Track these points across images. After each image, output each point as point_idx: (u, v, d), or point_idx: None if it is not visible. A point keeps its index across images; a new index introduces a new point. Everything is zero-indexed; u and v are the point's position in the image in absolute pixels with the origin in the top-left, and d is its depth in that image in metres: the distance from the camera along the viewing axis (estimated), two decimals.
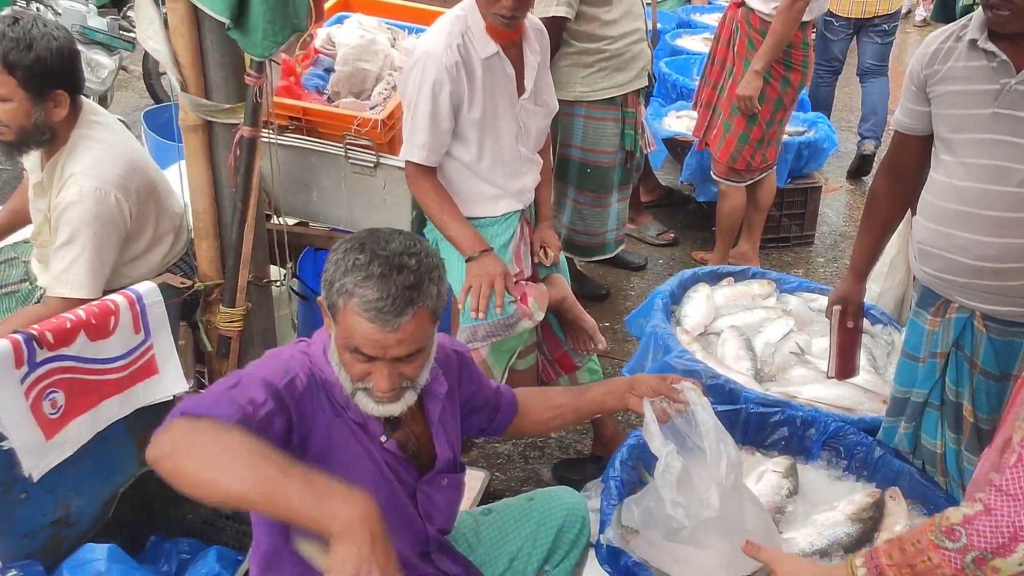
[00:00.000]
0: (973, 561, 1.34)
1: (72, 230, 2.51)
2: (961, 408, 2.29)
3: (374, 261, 1.62)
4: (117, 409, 2.45)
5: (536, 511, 2.20)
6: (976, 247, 2.12)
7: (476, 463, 3.50)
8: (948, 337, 2.27)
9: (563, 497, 2.25)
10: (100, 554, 2.21)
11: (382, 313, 1.59)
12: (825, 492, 2.49)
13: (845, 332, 2.68)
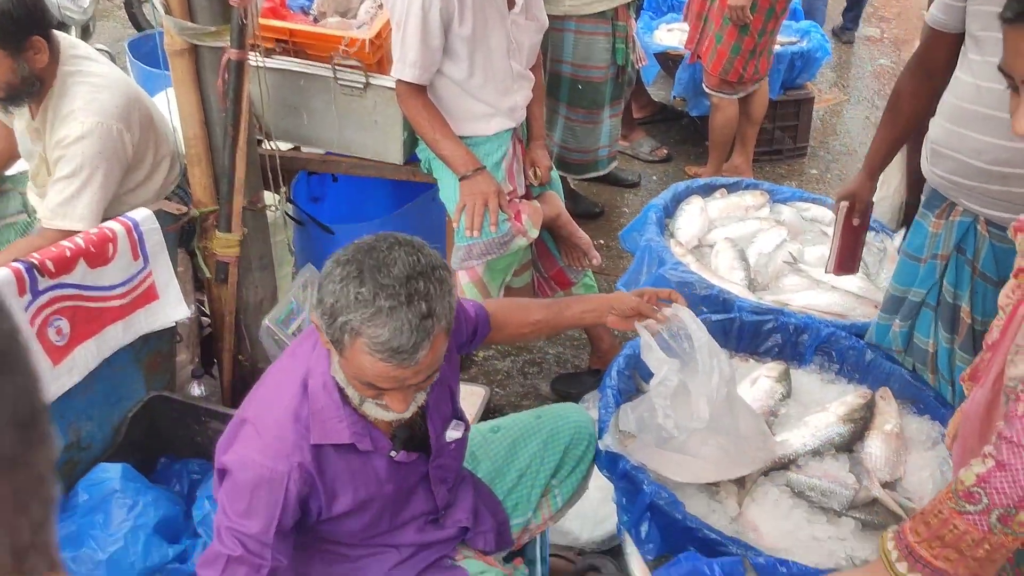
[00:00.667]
0: (999, 519, 1.31)
1: (76, 165, 2.50)
2: (958, 310, 2.32)
3: (380, 294, 1.46)
4: (121, 335, 2.49)
5: (544, 428, 2.24)
6: (989, 150, 2.09)
7: (476, 380, 3.57)
8: (950, 240, 2.28)
9: (571, 415, 2.29)
10: (114, 473, 2.28)
11: (398, 353, 1.46)
12: (817, 395, 2.55)
13: (849, 229, 2.67)
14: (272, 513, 1.61)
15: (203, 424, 2.75)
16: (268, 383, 1.74)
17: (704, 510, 2.19)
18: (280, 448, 1.62)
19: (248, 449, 1.63)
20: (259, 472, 1.60)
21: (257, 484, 1.61)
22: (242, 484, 1.62)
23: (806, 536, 2.14)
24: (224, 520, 1.64)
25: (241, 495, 1.62)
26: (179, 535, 2.31)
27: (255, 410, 1.69)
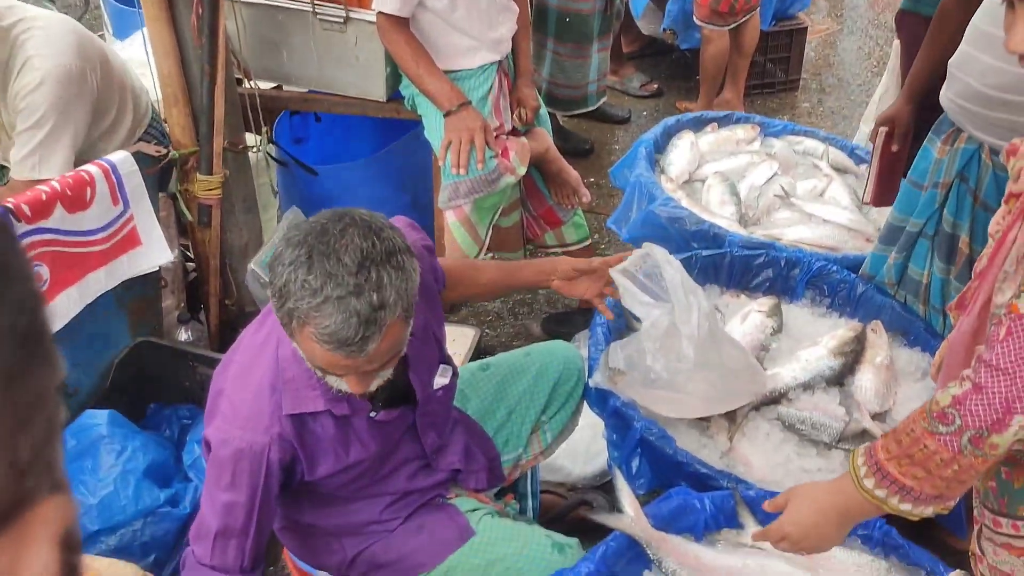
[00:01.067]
0: (970, 441, 1.31)
1: (40, 113, 2.40)
2: (956, 240, 2.30)
3: (327, 283, 1.39)
4: (103, 281, 2.46)
5: (533, 365, 2.22)
6: (994, 73, 2.04)
7: (466, 321, 3.54)
8: (953, 167, 2.24)
9: (559, 351, 2.28)
10: (101, 419, 2.26)
11: (345, 345, 1.41)
12: (809, 329, 2.54)
13: (888, 156, 2.60)
14: (255, 483, 1.61)
15: (191, 369, 2.74)
16: (242, 351, 1.71)
17: (695, 445, 2.19)
18: (258, 421, 1.61)
19: (227, 424, 1.63)
20: (239, 446, 1.60)
21: (238, 458, 1.61)
22: (224, 459, 1.62)
23: (796, 469, 2.15)
24: (210, 494, 1.66)
25: (224, 469, 1.62)
26: (170, 479, 2.31)
27: (231, 381, 1.67)
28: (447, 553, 1.87)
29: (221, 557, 1.63)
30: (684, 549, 1.80)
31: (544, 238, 3.29)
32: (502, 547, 1.90)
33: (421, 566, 1.88)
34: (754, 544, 1.84)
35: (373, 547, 1.87)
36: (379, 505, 1.87)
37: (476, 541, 1.90)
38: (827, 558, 1.81)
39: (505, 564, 1.88)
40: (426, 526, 1.90)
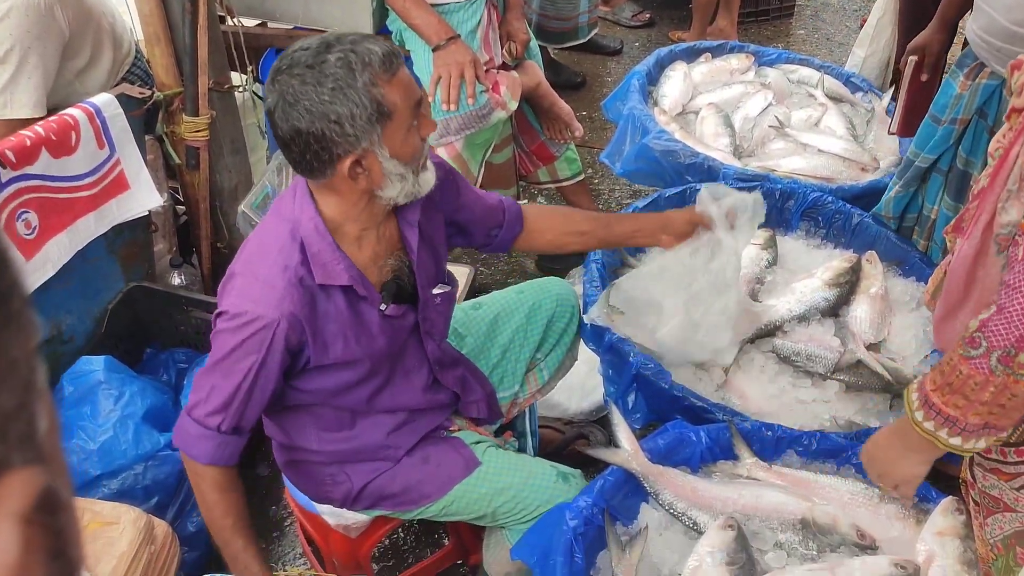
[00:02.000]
0: (999, 360, 1.31)
1: (5, 49, 2.34)
2: (969, 177, 2.28)
3: (327, 56, 1.48)
4: (93, 227, 2.43)
5: (526, 303, 2.21)
6: (1019, 9, 1.98)
7: (460, 259, 3.53)
8: (973, 103, 2.20)
9: (552, 287, 2.26)
10: (97, 365, 2.26)
11: (394, 56, 1.52)
12: (804, 260, 2.54)
13: (917, 86, 2.54)
14: (258, 355, 1.61)
15: (186, 313, 2.73)
16: (255, 239, 1.70)
17: (690, 379, 2.20)
18: (270, 296, 1.60)
19: (239, 298, 1.62)
20: (248, 319, 1.59)
21: (246, 330, 1.60)
22: (231, 329, 1.61)
23: (791, 400, 2.17)
24: (211, 361, 1.65)
25: (229, 339, 1.61)
26: (169, 423, 2.31)
27: (243, 264, 1.66)
28: (453, 483, 1.89)
29: (204, 413, 1.64)
30: (681, 481, 1.82)
31: (537, 174, 3.26)
32: (508, 477, 1.92)
33: (427, 496, 1.89)
34: (750, 475, 1.86)
35: (379, 478, 1.88)
36: (385, 427, 1.87)
37: (482, 471, 1.92)
38: (822, 487, 1.83)
39: (511, 493, 1.90)
40: (432, 457, 1.92)
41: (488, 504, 1.90)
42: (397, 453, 1.89)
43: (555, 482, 1.93)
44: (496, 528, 2.01)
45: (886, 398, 2.18)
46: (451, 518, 1.95)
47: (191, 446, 1.67)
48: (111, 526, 1.78)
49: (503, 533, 1.97)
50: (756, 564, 1.68)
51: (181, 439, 1.68)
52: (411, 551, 2.51)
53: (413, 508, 1.91)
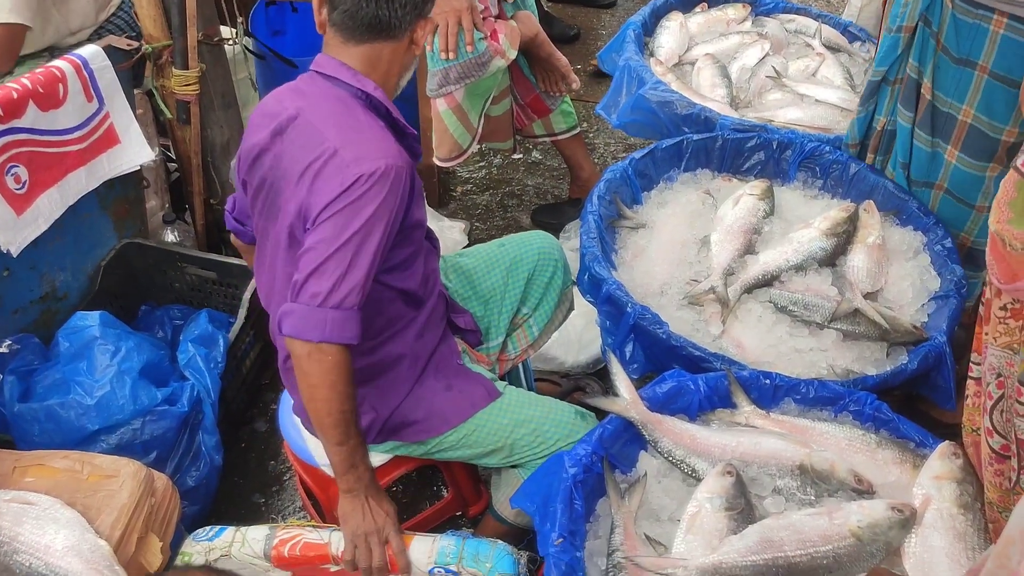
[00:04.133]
0: None
1: None
2: (919, 87, 2.27)
3: None
4: (84, 181, 2.41)
5: (507, 256, 2.20)
6: None
7: (455, 215, 3.52)
8: (916, 9, 2.19)
9: (534, 241, 2.25)
10: (92, 321, 2.25)
11: None
12: (801, 211, 2.52)
13: None
14: (395, 205, 1.63)
15: (180, 270, 2.72)
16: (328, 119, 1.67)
17: (687, 330, 2.20)
18: (390, 147, 1.65)
19: (364, 160, 1.60)
20: (384, 170, 1.59)
21: (385, 181, 1.60)
22: (369, 191, 1.59)
23: (788, 349, 2.16)
24: (334, 238, 1.59)
25: (369, 201, 1.59)
26: (166, 379, 2.31)
27: (340, 139, 1.63)
28: (476, 410, 1.91)
29: (342, 296, 1.60)
30: (679, 429, 1.82)
31: (532, 127, 3.23)
32: (529, 410, 1.94)
33: (448, 423, 1.90)
34: (748, 423, 1.87)
35: (403, 405, 1.89)
36: (412, 332, 1.88)
37: (503, 401, 1.93)
38: (819, 434, 1.84)
39: (532, 426, 1.92)
40: (455, 385, 1.93)
41: (508, 435, 1.91)
42: (417, 363, 1.89)
43: (574, 419, 1.95)
44: (507, 469, 2.02)
45: (883, 347, 2.18)
46: (467, 451, 1.95)
47: (340, 332, 1.61)
48: (111, 479, 1.79)
49: (516, 471, 1.98)
50: (754, 509, 1.68)
51: (322, 332, 1.60)
52: (411, 504, 2.52)
53: (433, 436, 1.92)
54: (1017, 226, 1.39)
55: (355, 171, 1.59)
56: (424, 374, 1.93)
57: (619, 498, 1.70)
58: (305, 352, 1.62)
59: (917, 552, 1.60)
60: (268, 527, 1.83)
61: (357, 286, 1.61)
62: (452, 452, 1.97)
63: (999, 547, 0.70)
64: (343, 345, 1.62)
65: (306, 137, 1.66)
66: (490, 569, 1.72)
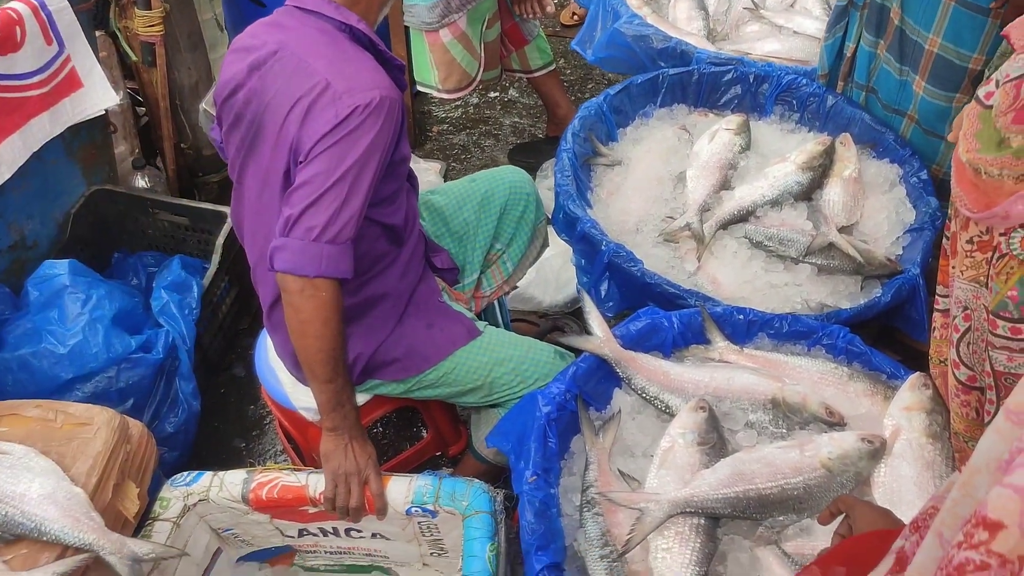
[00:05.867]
0: None
1: None
2: (887, 12, 2.25)
3: None
4: (48, 127, 2.35)
5: (478, 192, 2.18)
6: None
7: (432, 155, 3.48)
8: None
9: (505, 176, 2.22)
10: (62, 269, 2.22)
11: None
12: (777, 145, 2.49)
13: None
14: (390, 135, 1.61)
15: (152, 216, 2.68)
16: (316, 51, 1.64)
17: (662, 266, 2.19)
18: (382, 79, 1.63)
19: (358, 91, 1.57)
20: (379, 101, 1.57)
21: (379, 110, 1.58)
22: (365, 121, 1.57)
23: (763, 284, 2.16)
24: (329, 171, 1.57)
25: (366, 132, 1.57)
26: (140, 326, 2.30)
27: (330, 71, 1.60)
28: (455, 347, 1.91)
29: (337, 230, 1.58)
30: (653, 366, 1.83)
31: (510, 60, 3.18)
32: (509, 349, 1.94)
33: (427, 360, 1.91)
34: (722, 358, 1.87)
35: (383, 345, 1.88)
36: (395, 271, 1.88)
37: (483, 340, 1.94)
38: (792, 368, 1.85)
39: (511, 365, 1.93)
40: (435, 323, 1.93)
41: (488, 374, 1.92)
42: (399, 302, 1.89)
43: (553, 358, 1.97)
44: (486, 408, 2.04)
45: (857, 280, 2.18)
46: (447, 390, 1.96)
47: (336, 267, 1.60)
48: (85, 427, 1.78)
49: (495, 411, 1.99)
50: (727, 444, 1.70)
51: (318, 267, 1.58)
52: (391, 445, 2.54)
53: (414, 375, 1.92)
54: (988, 153, 1.38)
55: (349, 103, 1.56)
56: (406, 313, 1.92)
57: (593, 435, 1.71)
58: (298, 288, 1.61)
59: (886, 482, 1.63)
60: (246, 471, 1.84)
61: (352, 219, 1.60)
62: (432, 391, 1.97)
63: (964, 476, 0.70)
64: (336, 280, 1.61)
65: (293, 71, 1.63)
66: (467, 507, 1.73)
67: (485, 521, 1.70)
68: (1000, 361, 1.43)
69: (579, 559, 1.57)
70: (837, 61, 2.52)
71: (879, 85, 2.40)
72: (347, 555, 2.01)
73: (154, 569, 1.74)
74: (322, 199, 1.57)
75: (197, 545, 1.88)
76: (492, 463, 2.14)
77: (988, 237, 1.48)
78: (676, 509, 1.54)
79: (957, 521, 0.70)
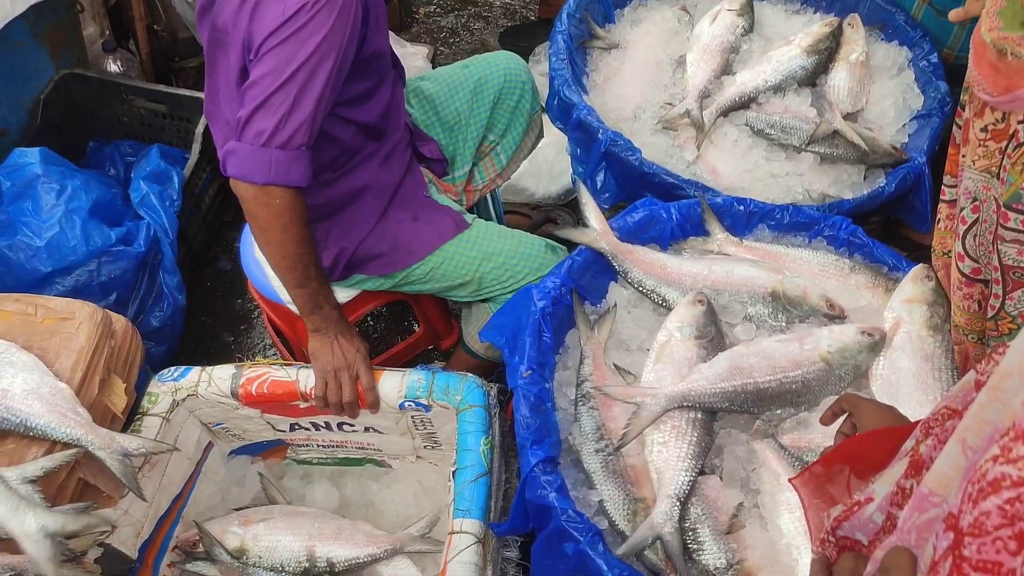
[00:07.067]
0: None
1: None
2: None
3: None
4: (9, 6, 2.22)
5: (471, 79, 2.06)
6: None
7: (418, 38, 3.33)
8: None
9: (500, 62, 2.09)
10: (33, 158, 2.13)
11: None
12: (782, 28, 2.38)
13: None
14: (342, 41, 1.49)
15: (127, 102, 2.57)
16: None
17: (661, 156, 2.12)
18: None
19: None
20: None
21: (333, 9, 1.46)
22: (314, 17, 1.45)
23: (764, 174, 2.10)
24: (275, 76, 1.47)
25: (316, 30, 1.46)
26: (120, 218, 2.22)
27: None
28: (443, 240, 1.86)
29: (288, 134, 1.50)
30: (650, 259, 1.77)
31: None
32: (497, 243, 1.89)
33: (415, 254, 1.86)
34: (721, 250, 1.82)
35: (367, 239, 1.83)
36: (374, 163, 1.81)
37: (472, 233, 1.88)
38: (793, 260, 1.80)
39: (500, 259, 1.87)
40: (421, 216, 1.87)
41: (476, 269, 1.87)
42: (382, 195, 1.82)
43: (544, 252, 1.91)
44: (477, 303, 1.99)
45: (860, 169, 2.12)
46: (435, 285, 1.91)
47: (286, 174, 1.52)
48: (66, 321, 1.72)
49: (487, 306, 1.95)
50: (725, 337, 1.67)
51: (266, 174, 1.51)
52: (382, 338, 2.51)
53: (400, 269, 1.87)
54: (1012, 31, 1.29)
55: (277, 10, 1.44)
56: (390, 206, 1.85)
57: (588, 329, 1.68)
58: (251, 195, 1.54)
59: (884, 374, 1.60)
60: (234, 366, 1.80)
61: (304, 124, 1.50)
62: (420, 285, 1.92)
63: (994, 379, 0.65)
64: (291, 187, 1.54)
65: None
66: (460, 401, 1.71)
67: (479, 415, 1.68)
68: (1009, 255, 1.39)
69: (574, 453, 1.55)
70: None
71: None
72: (340, 448, 2.00)
73: (145, 463, 1.73)
74: (270, 101, 1.48)
75: (188, 440, 1.87)
76: (484, 358, 2.11)
77: (1004, 125, 1.41)
78: (673, 403, 1.52)
79: (985, 428, 0.65)
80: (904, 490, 0.86)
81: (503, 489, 1.74)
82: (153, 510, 1.77)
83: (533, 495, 1.43)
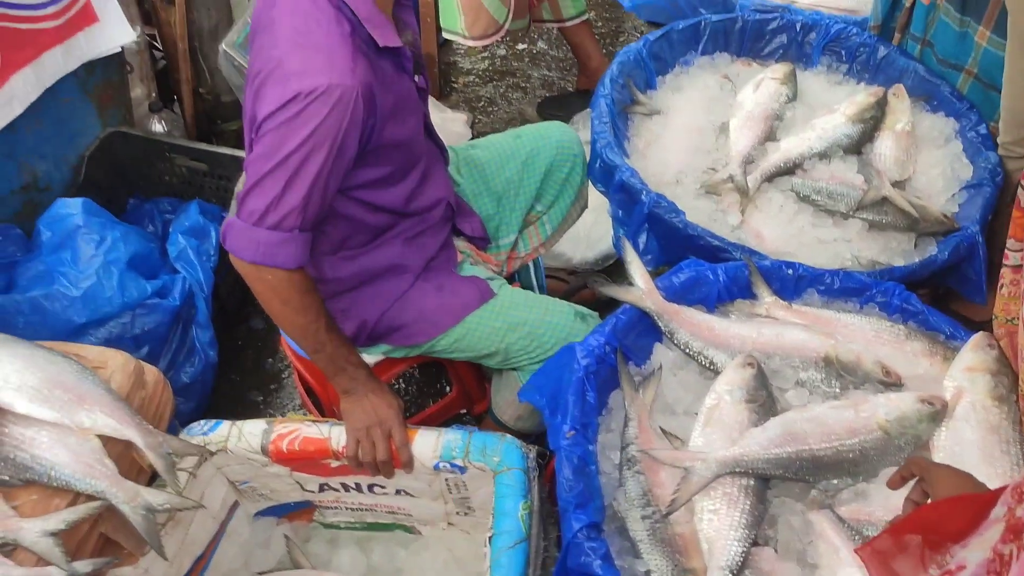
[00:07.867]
0: None
1: None
2: None
3: None
4: (61, 62, 2.25)
5: (523, 149, 2.05)
6: None
7: (457, 107, 3.36)
8: None
9: (553, 133, 2.09)
10: (75, 208, 2.13)
11: None
12: (825, 97, 2.37)
13: None
14: (337, 130, 1.47)
15: (169, 161, 2.59)
16: (286, 22, 1.50)
17: (705, 220, 2.08)
18: (342, 63, 1.46)
19: (306, 75, 1.44)
20: (326, 90, 1.43)
21: (325, 101, 1.44)
22: (307, 110, 1.44)
23: (811, 239, 2.05)
24: (270, 156, 1.47)
25: (305, 120, 1.45)
26: (156, 271, 2.21)
27: (289, 45, 1.48)
28: (467, 312, 1.81)
29: (279, 217, 1.50)
30: (697, 320, 1.72)
31: (540, 9, 3.05)
32: (524, 312, 1.84)
33: (438, 326, 1.82)
34: (769, 314, 1.77)
35: (391, 309, 1.80)
36: (399, 240, 1.79)
37: (497, 302, 1.83)
38: (844, 325, 1.74)
39: (526, 329, 1.82)
40: (446, 286, 1.83)
41: (502, 339, 1.82)
42: (408, 272, 1.80)
43: (573, 321, 1.86)
44: (506, 370, 1.94)
45: (911, 237, 2.07)
46: (461, 355, 1.87)
47: (273, 256, 1.52)
48: (98, 371, 1.69)
49: (515, 374, 1.90)
50: (776, 402, 1.60)
51: (255, 252, 1.52)
52: (413, 401, 2.46)
53: (424, 341, 1.83)
54: None
55: (294, 87, 1.44)
56: (416, 280, 1.83)
57: (633, 390, 1.61)
58: (244, 271, 1.56)
59: (947, 446, 1.52)
60: (265, 421, 1.75)
61: (295, 209, 1.50)
62: (446, 355, 1.89)
63: None
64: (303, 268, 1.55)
65: (263, 42, 1.53)
66: (498, 463, 1.64)
67: (518, 478, 1.61)
68: None
69: (619, 519, 1.48)
70: (892, 12, 2.39)
71: (936, 38, 2.28)
72: (369, 512, 1.92)
73: (168, 520, 1.67)
74: (263, 182, 1.49)
75: (214, 497, 1.80)
76: (513, 429, 2.04)
77: None
78: (724, 469, 1.45)
79: None
80: (1002, 556, 0.80)
81: (541, 558, 1.66)
82: (175, 570, 1.70)
83: (576, 563, 1.36)
